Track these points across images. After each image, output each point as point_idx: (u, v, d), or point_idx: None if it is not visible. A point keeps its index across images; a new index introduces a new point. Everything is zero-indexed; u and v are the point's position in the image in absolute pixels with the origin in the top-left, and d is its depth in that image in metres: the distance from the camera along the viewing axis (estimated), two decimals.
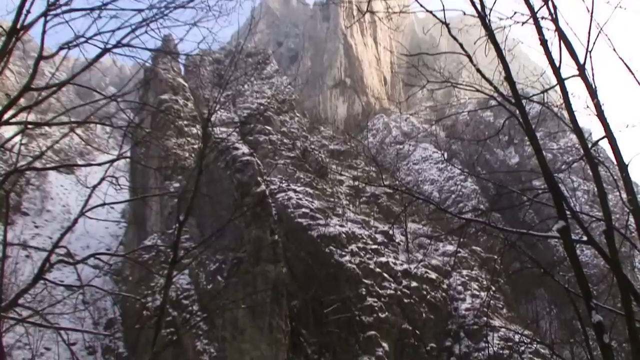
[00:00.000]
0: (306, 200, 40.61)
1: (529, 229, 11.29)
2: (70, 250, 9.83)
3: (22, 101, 10.13)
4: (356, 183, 51.77)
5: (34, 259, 15.96)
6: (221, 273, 30.69)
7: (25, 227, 20.87)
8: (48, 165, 14.82)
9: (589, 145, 10.14)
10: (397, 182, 45.60)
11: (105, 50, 10.30)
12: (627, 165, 9.71)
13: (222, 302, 23.50)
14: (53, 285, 10.36)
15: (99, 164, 11.16)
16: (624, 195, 9.70)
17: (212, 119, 13.24)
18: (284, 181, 43.48)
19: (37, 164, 11.32)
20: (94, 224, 11.42)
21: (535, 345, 18.67)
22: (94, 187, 10.79)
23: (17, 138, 10.97)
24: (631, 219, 9.80)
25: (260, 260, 30.15)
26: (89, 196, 10.71)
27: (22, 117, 10.00)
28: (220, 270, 31.05)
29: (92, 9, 10.13)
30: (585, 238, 10.25)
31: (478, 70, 11.02)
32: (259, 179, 34.17)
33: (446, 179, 64.03)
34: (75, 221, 10.62)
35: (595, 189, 9.87)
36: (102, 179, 11.07)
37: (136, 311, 20.76)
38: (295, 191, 41.80)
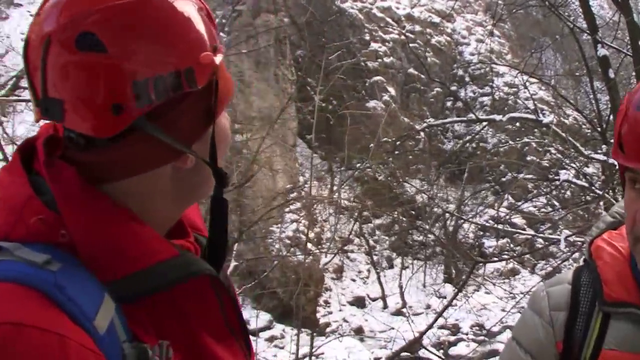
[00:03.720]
0: None
1: None
2: None
3: None
4: None
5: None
6: (222, 28, 30.27)
7: None
8: None
9: None
10: None
11: None
12: None
13: (225, 55, 23.43)
14: None
15: None
16: None
17: None
18: None
19: None
20: None
21: (539, 91, 18.70)
22: None
23: None
24: None
25: (260, 11, 29.49)
26: None
27: None
28: (221, 24, 30.61)
29: None
30: None
31: None
32: None
33: None
34: None
35: None
36: None
37: None
38: None
